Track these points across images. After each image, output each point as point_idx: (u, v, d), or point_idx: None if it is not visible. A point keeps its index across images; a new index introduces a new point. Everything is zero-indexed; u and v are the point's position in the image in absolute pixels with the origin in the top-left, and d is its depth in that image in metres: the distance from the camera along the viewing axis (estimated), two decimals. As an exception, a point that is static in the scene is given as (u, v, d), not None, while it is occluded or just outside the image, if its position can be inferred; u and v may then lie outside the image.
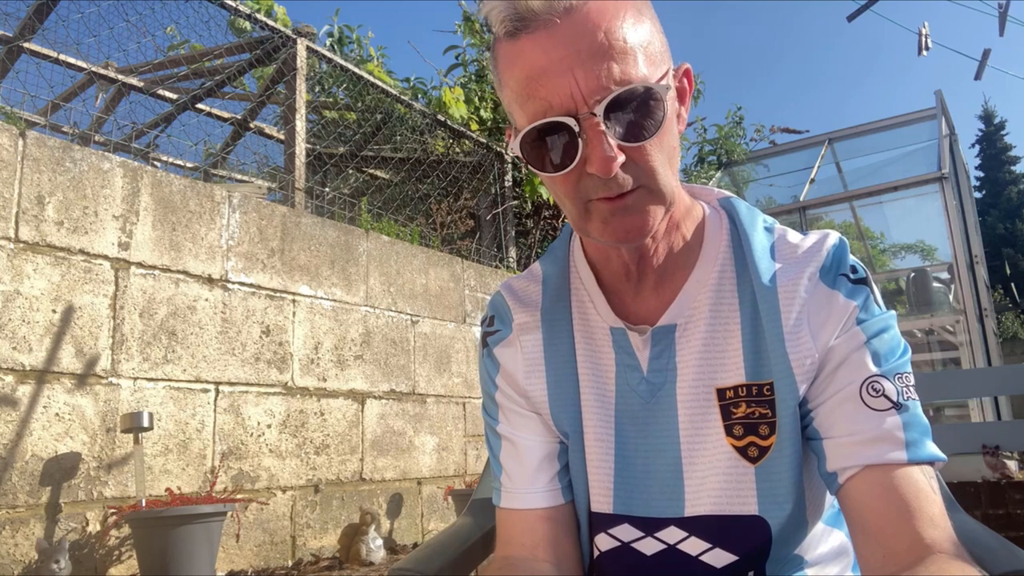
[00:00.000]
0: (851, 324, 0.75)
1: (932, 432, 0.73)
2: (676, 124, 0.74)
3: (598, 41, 0.66)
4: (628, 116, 0.67)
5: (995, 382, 4.63)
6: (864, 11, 6.49)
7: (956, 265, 6.39)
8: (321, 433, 3.38)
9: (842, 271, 0.77)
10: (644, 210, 0.71)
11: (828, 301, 0.75)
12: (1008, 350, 12.88)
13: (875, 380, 0.72)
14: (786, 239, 0.80)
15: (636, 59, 0.67)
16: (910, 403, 0.73)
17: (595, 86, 0.66)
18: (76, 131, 3.74)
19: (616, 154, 0.67)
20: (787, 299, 0.76)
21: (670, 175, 0.72)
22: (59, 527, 2.46)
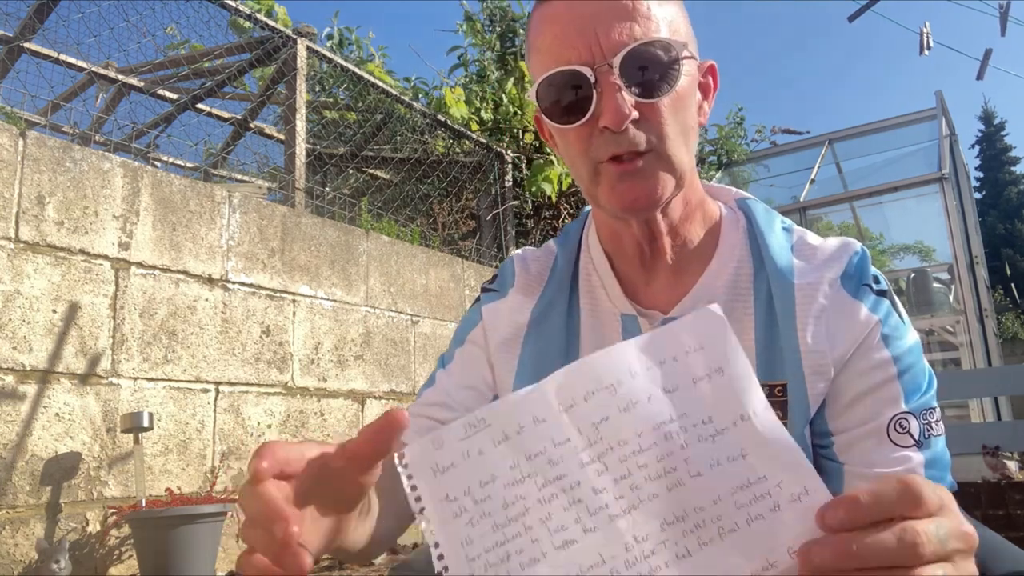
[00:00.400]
0: (874, 340, 0.74)
1: None
2: (695, 105, 0.76)
3: (622, 3, 0.70)
4: (644, 72, 0.69)
5: (995, 382, 4.64)
6: (865, 11, 6.49)
7: (956, 265, 6.39)
8: (321, 433, 3.38)
9: (865, 280, 0.76)
10: (654, 176, 0.72)
11: (850, 310, 0.74)
12: (1008, 351, 12.88)
13: (903, 417, 0.72)
14: (806, 240, 0.80)
15: (659, 26, 0.71)
16: (933, 440, 0.72)
17: (615, 41, 0.69)
18: (76, 131, 3.74)
19: (629, 109, 0.69)
20: (805, 301, 0.75)
21: (683, 149, 0.73)
22: (59, 527, 2.46)
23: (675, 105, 0.72)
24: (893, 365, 0.73)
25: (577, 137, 0.73)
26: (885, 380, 0.73)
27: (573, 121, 0.71)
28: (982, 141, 26.96)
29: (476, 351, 0.89)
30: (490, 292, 0.91)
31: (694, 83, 0.75)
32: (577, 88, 0.71)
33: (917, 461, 0.71)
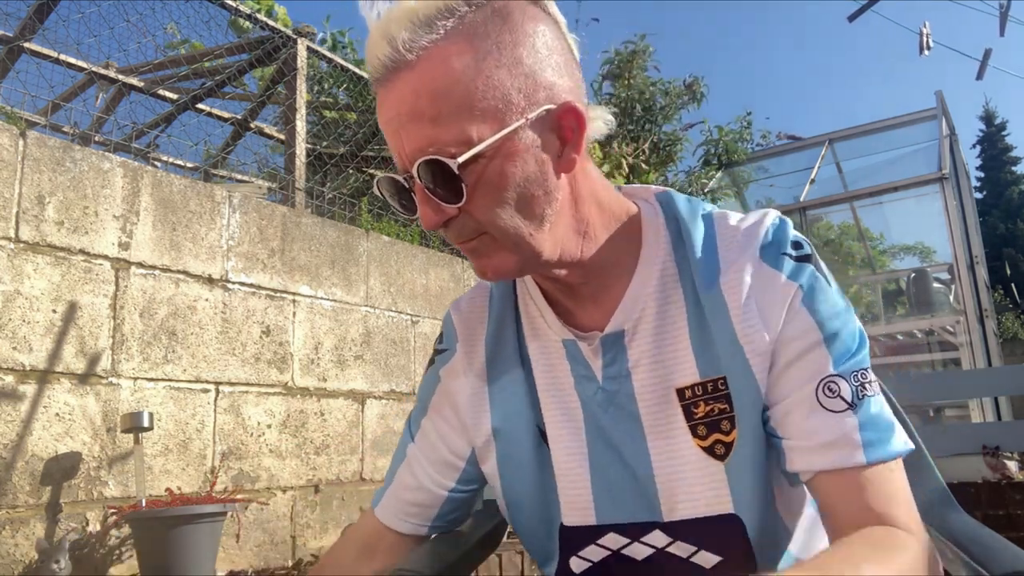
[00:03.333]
0: (797, 307, 0.73)
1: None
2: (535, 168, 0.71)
3: (419, 105, 0.68)
4: (440, 181, 0.69)
5: (995, 382, 4.63)
6: (865, 11, 6.49)
7: (956, 266, 6.39)
8: (321, 433, 3.38)
9: (783, 249, 0.75)
10: (492, 254, 0.73)
11: (772, 282, 0.74)
12: (1008, 351, 12.88)
13: (831, 380, 0.71)
14: (726, 224, 0.79)
15: (457, 122, 0.68)
16: (867, 401, 0.71)
17: (413, 148, 0.69)
18: (76, 131, 3.74)
19: (434, 214, 0.70)
20: (732, 290, 0.75)
21: (518, 222, 0.72)
22: (59, 527, 2.46)
23: (494, 194, 0.70)
24: (818, 330, 0.72)
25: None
26: (811, 345, 0.72)
27: (411, 215, 0.74)
28: (983, 141, 26.95)
29: (439, 418, 0.90)
30: (442, 352, 0.92)
31: (524, 156, 0.70)
32: (400, 191, 0.73)
33: (851, 425, 0.70)
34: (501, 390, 0.85)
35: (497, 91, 0.68)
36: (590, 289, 0.80)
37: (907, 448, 0.72)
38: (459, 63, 0.68)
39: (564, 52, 0.74)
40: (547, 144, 0.72)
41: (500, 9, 0.70)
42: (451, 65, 0.68)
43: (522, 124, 0.69)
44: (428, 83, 0.68)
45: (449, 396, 0.89)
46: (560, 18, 0.76)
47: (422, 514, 0.90)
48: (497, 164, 0.69)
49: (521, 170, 0.71)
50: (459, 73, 0.68)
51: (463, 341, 0.89)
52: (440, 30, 0.68)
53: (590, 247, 0.78)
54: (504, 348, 0.86)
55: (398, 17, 0.69)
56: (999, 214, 24.20)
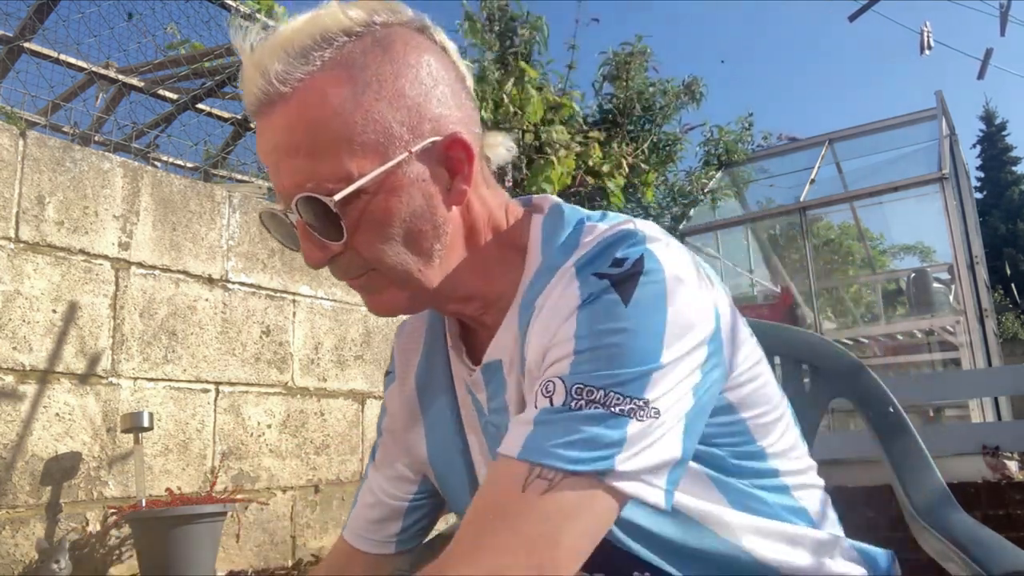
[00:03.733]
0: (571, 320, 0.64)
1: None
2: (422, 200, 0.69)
3: (294, 139, 0.66)
4: (320, 216, 0.67)
5: (995, 382, 4.63)
6: (865, 11, 6.49)
7: (956, 265, 6.39)
8: (321, 433, 3.38)
9: (598, 269, 0.65)
10: (380, 290, 0.72)
11: (566, 295, 0.66)
12: (1008, 351, 12.88)
13: (551, 381, 0.63)
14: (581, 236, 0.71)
15: (335, 156, 0.66)
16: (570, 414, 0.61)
17: (290, 184, 0.67)
18: (76, 131, 3.74)
19: (316, 251, 0.69)
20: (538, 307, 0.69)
21: (406, 256, 0.70)
22: (59, 527, 2.46)
23: (378, 230, 0.68)
24: (573, 341, 0.63)
25: None
26: (562, 356, 0.64)
27: (296, 249, 0.72)
28: (983, 141, 26.96)
29: (390, 440, 0.91)
30: (388, 375, 0.92)
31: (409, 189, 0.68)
32: (285, 227, 0.72)
33: (528, 419, 0.62)
34: (432, 419, 0.85)
35: (378, 124, 0.66)
36: (491, 319, 0.77)
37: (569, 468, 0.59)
38: (336, 95, 0.66)
39: (452, 82, 0.72)
40: (435, 177, 0.70)
41: (381, 39, 0.68)
42: (328, 98, 0.66)
43: (406, 158, 0.67)
44: (303, 116, 0.66)
45: (392, 420, 0.90)
46: (449, 45, 0.74)
47: (385, 530, 0.91)
48: (380, 200, 0.67)
49: (407, 205, 0.68)
50: (336, 106, 0.66)
51: (399, 367, 0.90)
52: (316, 61, 0.66)
53: (486, 278, 0.75)
54: (434, 376, 0.85)
55: (272, 48, 0.67)
56: (999, 214, 24.21)
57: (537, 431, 0.61)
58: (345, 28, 0.67)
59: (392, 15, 0.70)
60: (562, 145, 5.55)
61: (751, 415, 0.75)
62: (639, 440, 0.60)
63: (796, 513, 0.78)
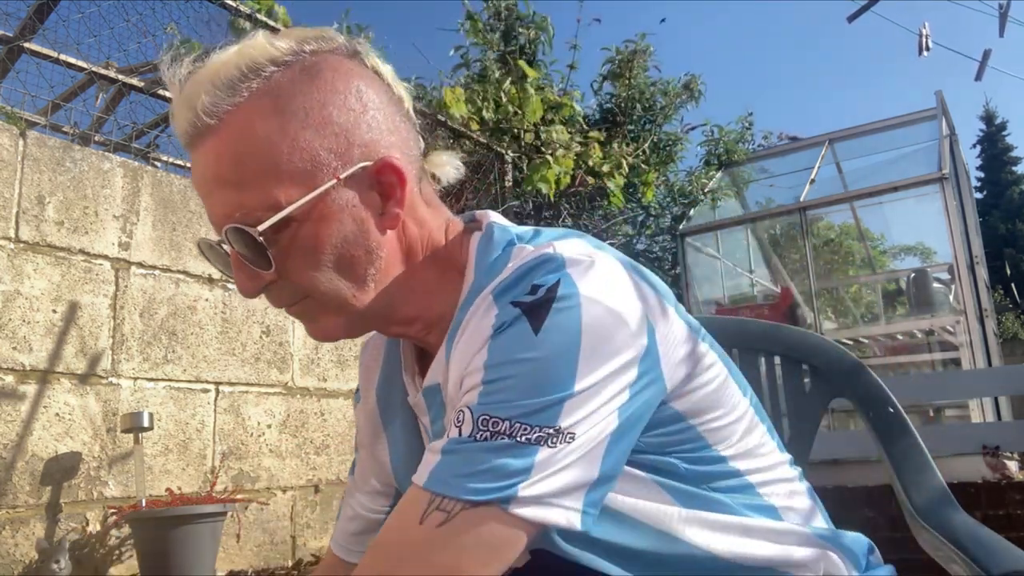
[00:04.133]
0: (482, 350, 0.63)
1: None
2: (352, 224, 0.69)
3: (221, 170, 0.67)
4: (249, 246, 0.67)
5: (995, 382, 4.63)
6: (865, 11, 6.49)
7: (956, 265, 6.39)
8: (321, 433, 3.38)
9: (514, 297, 0.64)
10: (316, 318, 0.73)
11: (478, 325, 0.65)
12: (1008, 351, 12.88)
13: (461, 411, 0.62)
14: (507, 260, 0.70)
15: (261, 185, 0.66)
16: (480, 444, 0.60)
17: (220, 214, 0.68)
18: (76, 131, 3.74)
19: (249, 280, 0.69)
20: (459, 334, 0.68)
21: (339, 282, 0.70)
22: (59, 527, 2.46)
23: (309, 257, 0.68)
24: (483, 371, 0.62)
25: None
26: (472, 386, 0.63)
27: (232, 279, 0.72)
28: (983, 141, 26.95)
29: (365, 456, 0.92)
30: (357, 393, 0.94)
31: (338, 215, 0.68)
32: (220, 256, 0.73)
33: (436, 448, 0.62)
34: (392, 435, 0.86)
35: (304, 152, 0.67)
36: (435, 339, 0.76)
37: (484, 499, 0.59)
38: (262, 126, 0.66)
39: (384, 105, 0.72)
40: (365, 202, 0.70)
41: (309, 68, 0.69)
42: (254, 128, 0.66)
43: (334, 184, 0.67)
44: (230, 147, 0.66)
45: (362, 435, 0.92)
46: (383, 68, 0.74)
47: (365, 542, 0.92)
48: (310, 227, 0.68)
49: (337, 231, 0.68)
50: (262, 136, 0.66)
51: (362, 384, 0.91)
52: (244, 92, 0.66)
53: (426, 299, 0.75)
54: (393, 393, 0.85)
55: (200, 81, 0.67)
56: (999, 214, 24.21)
57: (443, 461, 0.61)
58: (272, 58, 0.68)
59: (322, 43, 0.71)
60: (562, 145, 5.55)
61: (703, 420, 0.74)
62: (547, 466, 0.60)
63: (762, 511, 0.77)
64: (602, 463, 0.63)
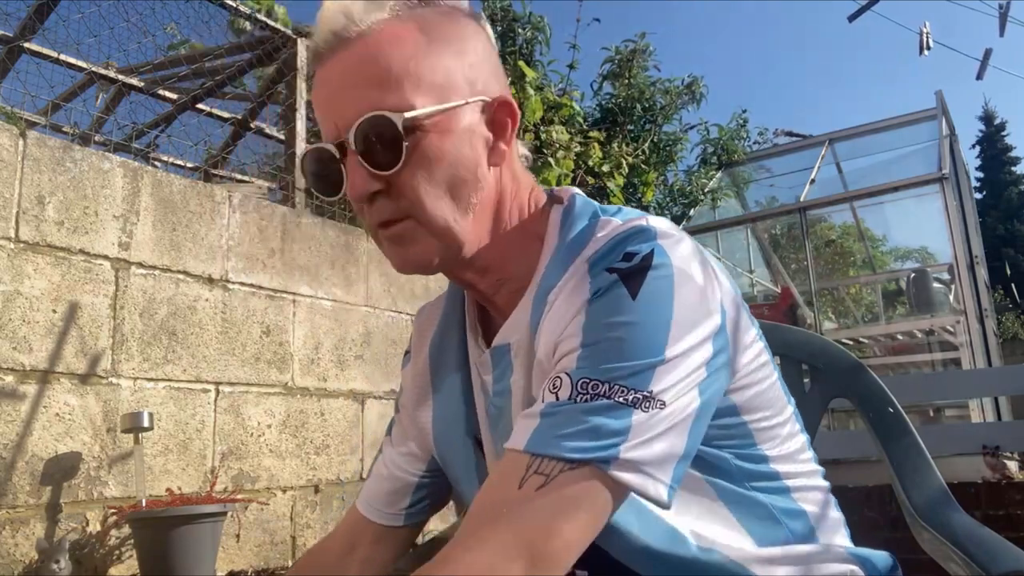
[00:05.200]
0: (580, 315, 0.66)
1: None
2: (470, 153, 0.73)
3: (364, 72, 0.70)
4: (377, 146, 0.69)
5: (995, 383, 4.64)
6: (865, 11, 6.49)
7: (956, 266, 6.39)
8: (321, 433, 3.38)
9: (609, 264, 0.67)
10: (415, 241, 0.73)
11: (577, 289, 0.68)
12: (1008, 351, 12.88)
13: (558, 377, 0.64)
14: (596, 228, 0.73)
15: (402, 89, 0.70)
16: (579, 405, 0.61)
17: (352, 114, 0.70)
18: (76, 131, 3.74)
19: (367, 183, 0.70)
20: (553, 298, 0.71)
21: (446, 208, 0.72)
22: (59, 527, 2.46)
23: (424, 171, 0.70)
24: (580, 336, 0.65)
25: (358, 208, 0.75)
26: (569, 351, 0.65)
27: (333, 194, 0.74)
28: (983, 141, 26.95)
29: (405, 417, 0.94)
30: (406, 355, 0.96)
31: (462, 137, 0.72)
32: (328, 163, 0.73)
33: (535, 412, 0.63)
34: (441, 397, 0.88)
35: (442, 71, 0.72)
36: (502, 299, 0.79)
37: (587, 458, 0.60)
38: (410, 40, 0.71)
39: (498, 63, 0.79)
40: (481, 132, 0.74)
41: (448, 11, 0.75)
42: (402, 39, 0.71)
43: (462, 104, 0.72)
44: (377, 52, 0.70)
45: (405, 396, 0.94)
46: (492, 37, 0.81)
47: (394, 503, 0.94)
48: (435, 138, 0.71)
49: (455, 148, 0.72)
50: (409, 48, 0.71)
51: (415, 345, 0.93)
52: (393, 11, 0.72)
53: (504, 256, 0.77)
54: (446, 355, 0.87)
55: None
56: (998, 214, 24.21)
57: (543, 424, 0.62)
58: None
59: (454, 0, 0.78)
60: (561, 145, 5.55)
61: (754, 418, 0.75)
62: (643, 431, 0.61)
63: (794, 516, 0.78)
64: (687, 439, 0.64)
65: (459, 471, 0.86)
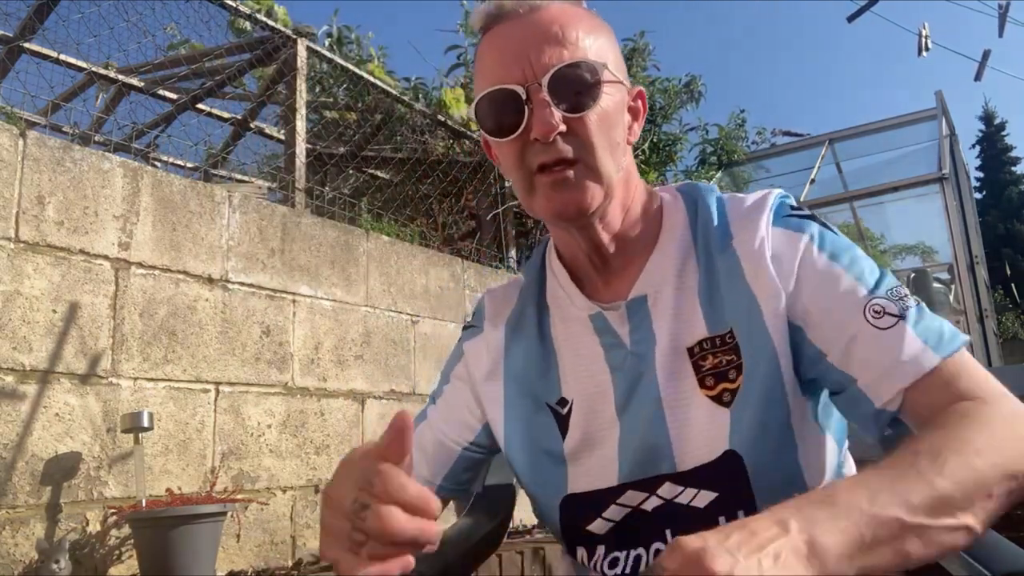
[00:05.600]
0: (812, 254, 0.79)
1: None
2: (623, 125, 0.84)
3: (553, 31, 0.79)
4: (570, 90, 0.77)
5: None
6: (865, 11, 6.49)
7: (956, 265, 6.39)
8: (321, 433, 3.38)
9: (787, 213, 0.84)
10: (582, 186, 0.79)
11: (781, 237, 0.81)
12: (1008, 350, 12.87)
13: (873, 303, 0.75)
14: (735, 199, 0.88)
15: (586, 52, 0.79)
16: (911, 310, 0.75)
17: (545, 63, 0.77)
18: (76, 131, 3.74)
19: (556, 121, 0.77)
20: (744, 249, 0.81)
21: (610, 162, 0.80)
22: (59, 527, 2.46)
23: (601, 121, 0.79)
24: (838, 265, 0.78)
25: (512, 149, 0.80)
26: (839, 283, 0.77)
27: (508, 135, 0.79)
28: (982, 141, 26.93)
29: (461, 385, 0.97)
30: (470, 328, 1.00)
31: (621, 106, 0.83)
32: (511, 104, 0.78)
33: (910, 334, 0.73)
34: (516, 368, 0.92)
35: (612, 51, 0.84)
36: (618, 261, 0.87)
37: (964, 338, 0.74)
38: (587, 19, 0.82)
39: None
40: (626, 110, 0.85)
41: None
42: (583, 16, 0.82)
43: (622, 82, 0.83)
44: (566, 19, 0.80)
45: (469, 368, 0.96)
46: None
47: (436, 472, 0.96)
48: (611, 99, 0.81)
49: (618, 114, 0.83)
50: (590, 23, 0.82)
51: (490, 320, 0.96)
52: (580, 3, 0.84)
53: (627, 219, 0.87)
54: (525, 329, 0.93)
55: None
56: (998, 214, 24.19)
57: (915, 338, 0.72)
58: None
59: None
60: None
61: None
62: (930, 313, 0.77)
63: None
64: None
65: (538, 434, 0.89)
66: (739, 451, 0.78)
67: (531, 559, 3.09)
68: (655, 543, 0.82)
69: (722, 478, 0.78)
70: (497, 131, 0.80)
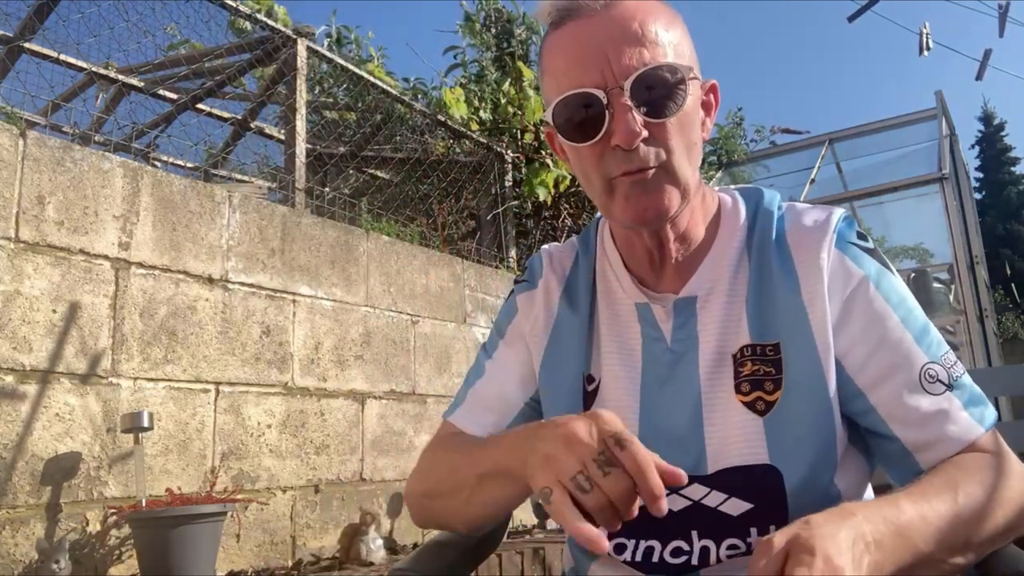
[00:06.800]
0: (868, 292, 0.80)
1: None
2: (699, 122, 0.82)
3: (632, 29, 0.76)
4: (652, 94, 0.75)
5: (995, 383, 4.62)
6: (865, 11, 6.48)
7: (956, 266, 6.39)
8: (321, 433, 3.38)
9: (849, 239, 0.84)
10: (661, 189, 0.78)
11: (839, 265, 0.82)
12: (1008, 351, 12.87)
13: (928, 368, 0.78)
14: (796, 210, 0.88)
15: (666, 51, 0.77)
16: (961, 380, 0.79)
17: (625, 65, 0.75)
18: (76, 131, 3.74)
19: (639, 128, 0.75)
20: (806, 267, 0.82)
21: (687, 164, 0.79)
22: (59, 527, 2.46)
23: (681, 124, 0.78)
24: (893, 313, 0.80)
25: (591, 154, 0.78)
26: (890, 329, 0.79)
27: (587, 139, 0.77)
28: (982, 141, 26.92)
29: (516, 342, 0.96)
30: (522, 283, 0.98)
31: (697, 102, 0.81)
32: (590, 108, 0.76)
33: (957, 405, 0.77)
34: (559, 335, 0.92)
35: (688, 45, 0.82)
36: (675, 259, 0.87)
37: (996, 416, 0.81)
38: (664, 13, 0.80)
39: None
40: (700, 106, 0.83)
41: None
42: (659, 11, 0.80)
43: (698, 76, 0.81)
44: (645, 16, 0.77)
45: (522, 324, 0.96)
46: None
47: (494, 423, 0.94)
48: (691, 100, 0.79)
49: (696, 114, 0.81)
50: (667, 18, 0.80)
51: (545, 280, 0.96)
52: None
53: (692, 219, 0.86)
54: (574, 302, 0.93)
55: None
56: (997, 214, 24.19)
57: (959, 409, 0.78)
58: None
59: None
60: (562, 145, 5.54)
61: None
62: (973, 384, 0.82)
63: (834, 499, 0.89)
64: None
65: (562, 401, 0.89)
66: (779, 467, 0.78)
67: (531, 559, 3.09)
68: (675, 540, 0.82)
69: (758, 490, 0.79)
70: (575, 136, 0.78)
